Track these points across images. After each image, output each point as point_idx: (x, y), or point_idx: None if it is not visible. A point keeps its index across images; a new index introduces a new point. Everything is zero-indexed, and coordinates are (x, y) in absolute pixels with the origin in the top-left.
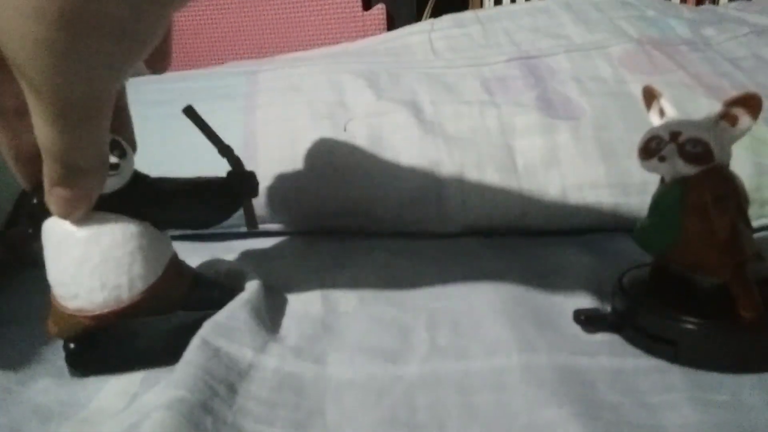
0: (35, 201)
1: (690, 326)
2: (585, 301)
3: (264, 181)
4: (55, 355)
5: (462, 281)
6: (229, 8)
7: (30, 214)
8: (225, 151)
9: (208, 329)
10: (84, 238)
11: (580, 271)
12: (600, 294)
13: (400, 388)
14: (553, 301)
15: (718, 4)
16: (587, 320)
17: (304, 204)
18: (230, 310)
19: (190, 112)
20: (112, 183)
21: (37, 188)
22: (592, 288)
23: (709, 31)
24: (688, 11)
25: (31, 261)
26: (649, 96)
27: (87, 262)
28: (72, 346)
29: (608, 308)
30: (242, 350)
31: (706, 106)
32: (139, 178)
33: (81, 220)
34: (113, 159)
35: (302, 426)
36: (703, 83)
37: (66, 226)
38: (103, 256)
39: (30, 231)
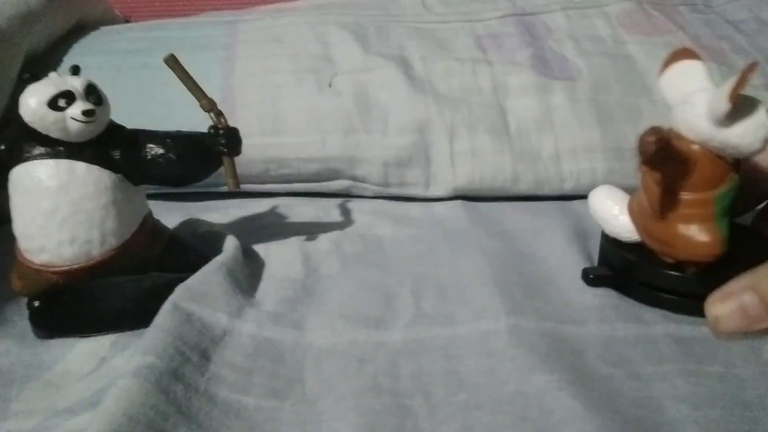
0: (2, 147)
1: (690, 276)
2: (573, 268)
3: (243, 139)
4: (18, 314)
5: (448, 246)
6: None
7: None
8: (208, 104)
9: (180, 293)
10: (54, 188)
11: (566, 238)
12: (588, 259)
13: (383, 355)
14: (540, 268)
15: None
16: (595, 279)
17: (284, 163)
18: (204, 274)
19: (172, 61)
20: (88, 130)
21: (6, 135)
22: (579, 254)
23: None
24: None
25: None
26: (681, 57)
27: (56, 213)
28: (36, 304)
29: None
30: (216, 315)
31: None
32: (114, 127)
33: (51, 169)
34: (89, 105)
35: (280, 394)
36: (702, 46)
37: (35, 174)
38: (74, 208)
39: None
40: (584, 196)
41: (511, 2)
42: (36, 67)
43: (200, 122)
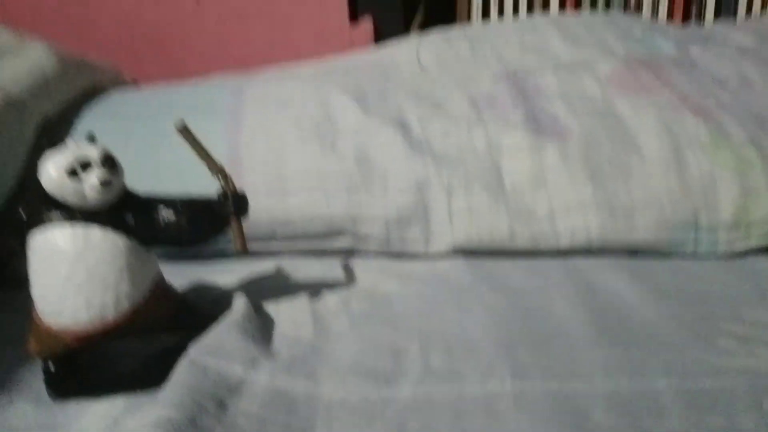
0: (22, 214)
1: None
2: (577, 325)
3: (250, 200)
4: (34, 377)
5: (453, 303)
6: (215, 20)
7: (17, 229)
8: (216, 169)
9: (194, 350)
10: (71, 254)
11: (569, 294)
12: (593, 319)
13: (393, 411)
14: (545, 324)
15: (704, 20)
16: None
17: (289, 223)
18: (218, 330)
19: (182, 128)
20: (103, 198)
21: (25, 204)
22: (583, 308)
23: (695, 51)
24: (674, 30)
25: (14, 278)
26: None
27: (73, 279)
28: (52, 368)
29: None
30: (231, 366)
31: (692, 125)
32: (128, 194)
33: (68, 235)
34: (105, 175)
35: None
36: (689, 103)
37: (53, 240)
38: (90, 274)
39: (15, 245)
40: (583, 253)
41: (503, 64)
42: (50, 131)
43: (208, 184)
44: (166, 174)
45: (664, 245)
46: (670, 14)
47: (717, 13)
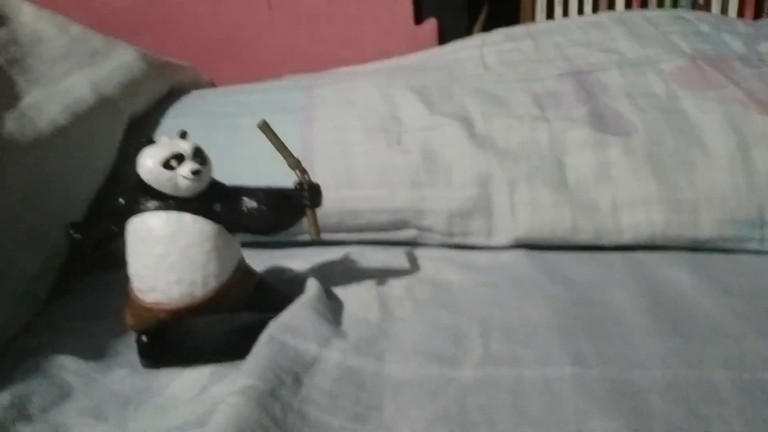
0: (122, 201)
1: None
2: (637, 316)
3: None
4: (129, 348)
5: (513, 292)
6: (286, 23)
7: (116, 215)
8: (294, 163)
9: (274, 326)
10: (165, 236)
11: (630, 285)
12: (653, 311)
13: (454, 389)
14: (605, 314)
15: None
16: None
17: (357, 215)
18: (293, 310)
19: (264, 126)
20: (194, 187)
21: (124, 190)
22: (643, 299)
23: (764, 47)
24: (744, 26)
25: (111, 260)
26: None
27: (167, 258)
28: (144, 339)
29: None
30: (306, 344)
31: (759, 123)
32: (216, 184)
33: (163, 220)
34: (196, 165)
35: (361, 418)
36: (756, 100)
37: (149, 224)
38: (182, 254)
39: (115, 228)
40: (644, 247)
41: (567, 61)
42: (137, 127)
43: (282, 177)
44: (244, 166)
45: (729, 242)
46: (741, 11)
47: None
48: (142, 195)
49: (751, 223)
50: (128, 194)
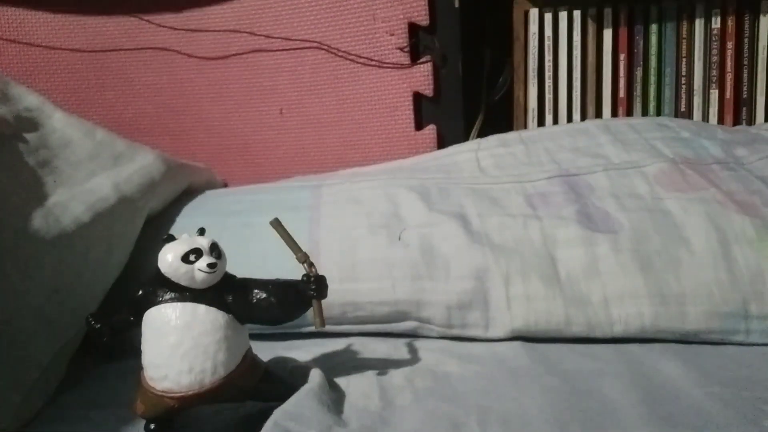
0: (141, 293)
1: None
2: (629, 406)
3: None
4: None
5: (510, 383)
6: (295, 128)
7: (134, 303)
8: (302, 257)
9: (278, 414)
10: (180, 325)
11: (624, 377)
12: (644, 401)
13: None
14: (600, 405)
15: (754, 122)
16: None
17: (359, 306)
18: (297, 398)
19: (276, 223)
20: (209, 279)
21: (144, 283)
22: (635, 395)
23: (741, 151)
24: (722, 132)
25: (125, 348)
26: None
27: (180, 347)
28: (152, 427)
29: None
30: (310, 431)
31: (738, 222)
32: (228, 276)
33: (179, 310)
34: (212, 260)
35: None
36: (735, 200)
37: (165, 315)
38: (194, 343)
39: (132, 318)
40: (636, 339)
41: (557, 164)
42: (154, 224)
43: (288, 270)
44: (255, 261)
45: (716, 334)
46: (721, 119)
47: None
48: (160, 287)
49: (735, 316)
50: (147, 286)
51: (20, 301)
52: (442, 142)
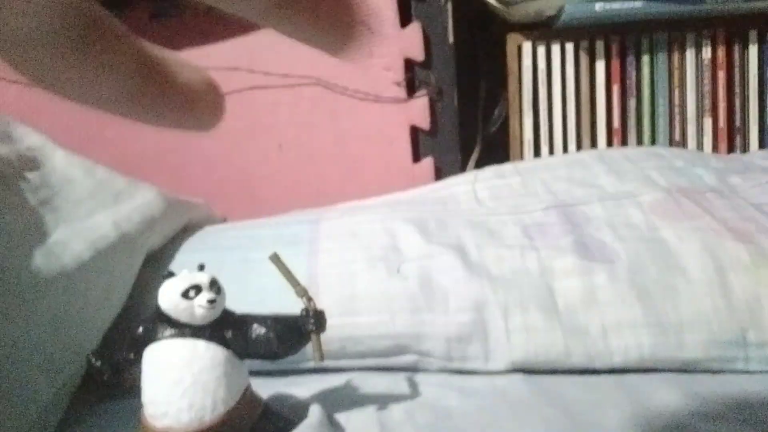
0: (140, 330)
1: None
2: None
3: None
4: None
5: (511, 416)
6: (294, 162)
7: (134, 341)
8: (301, 291)
9: None
10: (180, 362)
11: (625, 408)
12: (646, 430)
13: None
14: None
15: (748, 149)
16: None
17: (358, 341)
18: None
19: (275, 258)
20: (209, 315)
21: (144, 319)
22: (634, 425)
23: (734, 180)
24: (716, 160)
25: (125, 386)
26: None
27: (180, 384)
28: None
29: None
30: None
31: (733, 249)
32: (227, 312)
33: (179, 347)
34: (212, 295)
35: None
36: (729, 228)
37: (166, 351)
38: (194, 379)
39: (132, 356)
40: (636, 370)
41: (553, 195)
42: (153, 261)
43: (287, 305)
44: (254, 296)
45: (715, 362)
46: (715, 147)
47: (761, 145)
48: (160, 324)
49: (734, 343)
50: (147, 323)
51: (21, 338)
52: (440, 175)
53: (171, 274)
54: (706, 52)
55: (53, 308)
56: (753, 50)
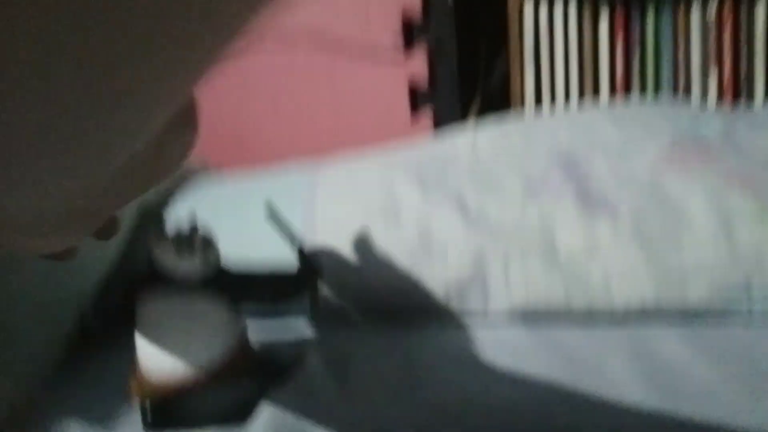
0: (134, 285)
1: None
2: (630, 383)
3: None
4: (133, 411)
5: (511, 364)
6: (288, 112)
7: (128, 295)
8: (297, 242)
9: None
10: (174, 316)
11: (624, 358)
12: (646, 378)
13: None
14: (599, 382)
15: (754, 99)
16: None
17: (357, 288)
18: (293, 382)
19: (270, 209)
20: (202, 270)
21: (138, 274)
22: (637, 372)
23: (740, 132)
24: (720, 115)
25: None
26: None
27: (175, 337)
28: (148, 408)
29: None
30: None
31: (739, 197)
32: (222, 265)
33: (172, 302)
34: (205, 250)
35: None
36: (734, 177)
37: (159, 306)
38: (189, 333)
39: (126, 310)
40: (638, 322)
41: (554, 147)
42: (146, 218)
43: (284, 258)
44: (250, 250)
45: (718, 310)
46: (720, 95)
47: (767, 93)
48: (153, 278)
49: (737, 287)
50: (140, 278)
51: (14, 293)
52: (439, 125)
53: (161, 230)
54: (711, 16)
55: (46, 262)
56: (761, 8)
